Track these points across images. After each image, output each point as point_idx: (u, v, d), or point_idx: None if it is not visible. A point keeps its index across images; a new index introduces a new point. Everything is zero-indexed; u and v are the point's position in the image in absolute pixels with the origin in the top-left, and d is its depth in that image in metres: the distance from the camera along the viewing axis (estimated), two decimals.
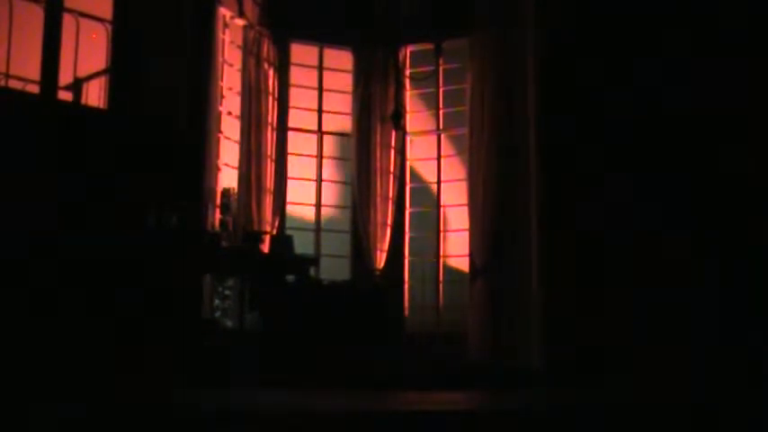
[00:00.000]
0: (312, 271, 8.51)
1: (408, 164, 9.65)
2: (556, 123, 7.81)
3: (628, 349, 6.87)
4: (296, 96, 9.46)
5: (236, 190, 8.61)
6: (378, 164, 9.33)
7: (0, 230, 5.95)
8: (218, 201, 8.29)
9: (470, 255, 8.91)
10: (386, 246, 9.29)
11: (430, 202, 9.58)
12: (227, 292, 8.49)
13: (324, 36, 9.53)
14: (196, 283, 7.34)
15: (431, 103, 9.75)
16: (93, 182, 6.47)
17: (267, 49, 8.93)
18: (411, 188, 9.65)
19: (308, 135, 9.53)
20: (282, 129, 9.15)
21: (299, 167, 9.45)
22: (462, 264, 9.19)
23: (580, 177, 7.54)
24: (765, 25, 6.78)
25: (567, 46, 7.71)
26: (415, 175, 9.70)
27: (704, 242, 6.84)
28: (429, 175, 9.65)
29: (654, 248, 7.13)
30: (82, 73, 7.25)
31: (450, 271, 9.38)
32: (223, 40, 8.61)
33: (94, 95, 7.26)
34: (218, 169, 8.39)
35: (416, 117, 9.77)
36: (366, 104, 9.40)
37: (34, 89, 6.82)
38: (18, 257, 6.04)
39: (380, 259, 9.25)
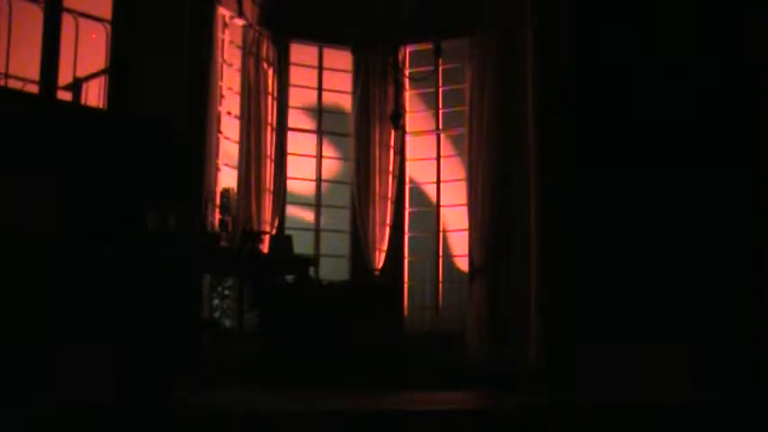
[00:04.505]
0: (311, 271, 8.51)
1: (407, 164, 9.65)
2: (555, 123, 7.81)
3: (627, 348, 6.87)
4: (295, 96, 9.46)
5: (235, 190, 8.61)
6: (377, 164, 9.33)
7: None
8: (218, 201, 8.28)
9: (470, 255, 8.91)
10: (385, 246, 9.28)
11: (429, 202, 9.58)
12: (226, 292, 8.49)
13: (323, 36, 9.53)
14: (195, 282, 7.33)
15: (430, 103, 9.74)
16: (93, 182, 6.47)
17: (267, 48, 8.92)
18: (410, 188, 9.65)
19: (307, 135, 9.53)
20: (282, 129, 9.14)
21: (299, 167, 9.44)
22: (462, 264, 9.19)
23: (580, 178, 7.55)
24: None
25: (567, 46, 7.71)
26: (414, 175, 9.69)
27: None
28: (428, 175, 9.64)
29: (652, 248, 7.13)
30: (81, 73, 7.25)
31: (449, 271, 9.37)
32: (222, 40, 8.60)
33: (94, 95, 7.26)
34: (217, 169, 8.39)
35: (416, 117, 9.76)
36: (365, 104, 9.39)
37: (33, 89, 6.82)
38: (16, 258, 6.03)
39: (380, 259, 9.25)
